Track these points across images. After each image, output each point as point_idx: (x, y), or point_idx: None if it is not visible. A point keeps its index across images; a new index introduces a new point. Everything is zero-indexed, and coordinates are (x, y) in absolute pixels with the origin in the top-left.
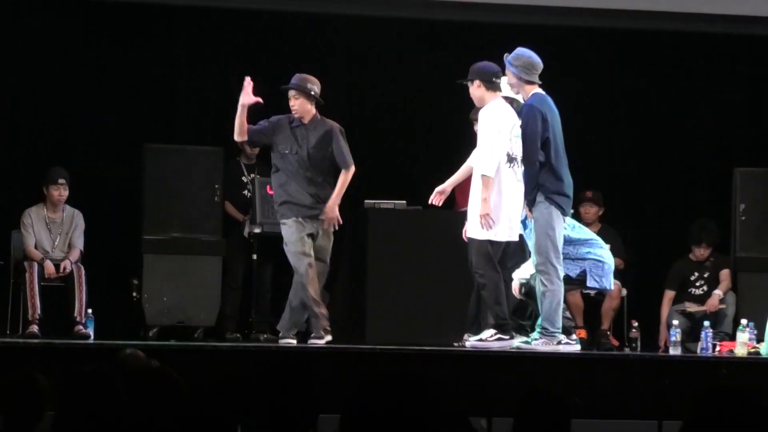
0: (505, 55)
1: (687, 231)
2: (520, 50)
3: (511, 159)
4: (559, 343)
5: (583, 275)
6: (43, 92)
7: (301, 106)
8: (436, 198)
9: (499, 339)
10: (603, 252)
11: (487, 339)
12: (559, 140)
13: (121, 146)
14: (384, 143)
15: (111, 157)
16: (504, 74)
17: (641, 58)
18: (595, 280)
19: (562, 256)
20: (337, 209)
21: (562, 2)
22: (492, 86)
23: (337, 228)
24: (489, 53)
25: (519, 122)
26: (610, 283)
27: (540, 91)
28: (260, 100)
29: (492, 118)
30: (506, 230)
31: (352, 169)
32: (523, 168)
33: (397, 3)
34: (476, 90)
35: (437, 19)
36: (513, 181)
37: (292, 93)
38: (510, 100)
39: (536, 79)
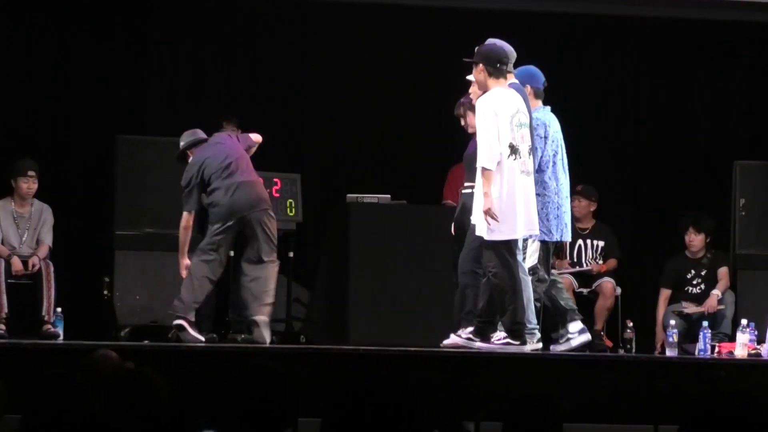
0: (477, 48)
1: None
2: (492, 41)
3: (514, 150)
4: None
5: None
6: (9, 82)
7: None
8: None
9: (508, 344)
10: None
11: (494, 342)
12: None
13: (92, 137)
14: (367, 135)
15: (81, 149)
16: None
17: (637, 46)
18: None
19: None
20: None
21: None
22: (496, 72)
23: None
24: (476, 42)
25: (522, 110)
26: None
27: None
28: None
29: (487, 108)
30: (512, 227)
31: None
32: (531, 158)
33: None
34: (479, 74)
35: (423, 5)
36: (517, 173)
37: None
38: None
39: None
